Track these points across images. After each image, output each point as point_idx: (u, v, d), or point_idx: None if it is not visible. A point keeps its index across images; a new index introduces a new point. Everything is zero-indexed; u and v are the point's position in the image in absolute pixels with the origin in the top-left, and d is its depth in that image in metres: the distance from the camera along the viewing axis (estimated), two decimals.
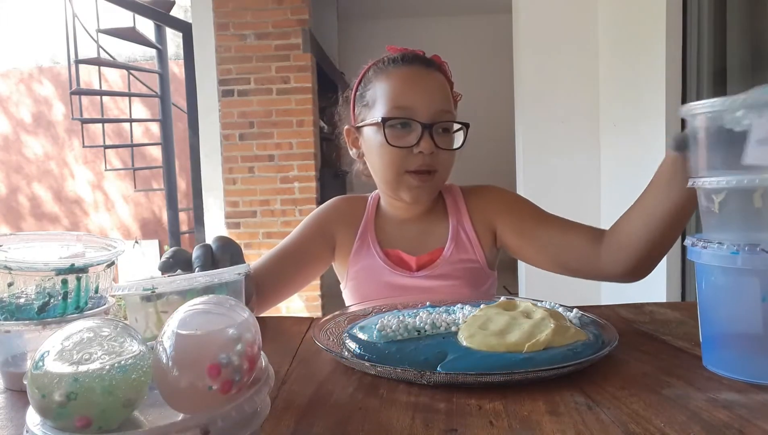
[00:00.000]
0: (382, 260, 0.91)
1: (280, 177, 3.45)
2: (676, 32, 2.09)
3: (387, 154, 0.84)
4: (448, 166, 0.87)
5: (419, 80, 0.85)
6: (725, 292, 0.51)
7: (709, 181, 0.50)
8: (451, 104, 0.87)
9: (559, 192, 2.78)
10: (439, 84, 0.87)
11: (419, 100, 0.83)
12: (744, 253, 0.47)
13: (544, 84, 2.82)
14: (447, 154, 0.85)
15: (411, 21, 5.28)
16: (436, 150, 0.83)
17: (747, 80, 1.84)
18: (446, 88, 0.88)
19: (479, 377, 0.49)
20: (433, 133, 0.83)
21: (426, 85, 0.85)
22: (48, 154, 5.91)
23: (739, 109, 0.47)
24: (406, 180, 0.84)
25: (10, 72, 5.89)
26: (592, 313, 0.68)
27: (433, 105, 0.83)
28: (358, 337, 0.60)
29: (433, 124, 0.82)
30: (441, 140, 0.84)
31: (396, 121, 0.83)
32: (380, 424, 0.43)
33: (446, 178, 0.90)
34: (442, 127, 0.84)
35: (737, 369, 0.50)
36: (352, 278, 0.94)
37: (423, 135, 0.82)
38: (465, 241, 0.92)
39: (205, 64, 3.44)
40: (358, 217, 0.95)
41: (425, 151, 0.82)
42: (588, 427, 0.41)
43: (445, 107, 0.85)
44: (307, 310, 3.42)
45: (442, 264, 0.90)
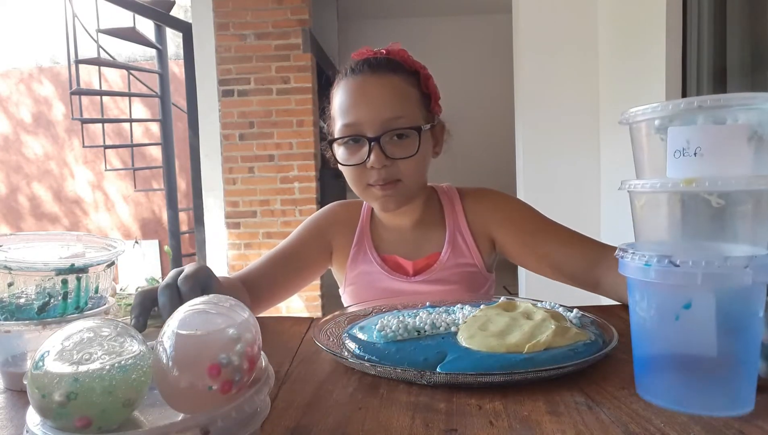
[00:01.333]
0: (379, 266, 0.91)
1: (280, 177, 3.45)
2: (676, 32, 2.09)
3: (346, 171, 0.85)
4: (413, 172, 0.83)
5: (364, 91, 0.81)
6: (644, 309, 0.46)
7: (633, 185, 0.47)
8: (404, 107, 0.81)
9: (559, 192, 2.78)
10: (387, 89, 0.81)
11: (363, 113, 0.80)
12: (655, 265, 0.42)
13: (544, 84, 2.82)
14: (407, 162, 0.81)
15: (411, 21, 5.28)
16: (390, 161, 0.80)
17: (747, 80, 1.84)
18: (398, 91, 0.82)
19: (479, 377, 0.49)
20: (382, 144, 0.79)
21: (371, 96, 0.81)
22: (48, 154, 5.91)
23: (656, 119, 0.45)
24: (371, 192, 0.83)
25: (10, 72, 5.89)
26: (592, 313, 0.68)
27: (379, 115, 0.79)
28: (358, 337, 0.60)
29: (379, 137, 0.79)
30: (395, 149, 0.80)
31: (344, 140, 0.82)
32: (380, 424, 0.43)
33: (418, 183, 0.86)
34: (394, 134, 0.80)
35: (663, 395, 0.45)
36: (350, 283, 0.94)
37: (371, 149, 0.79)
38: (462, 245, 0.91)
39: (205, 64, 3.44)
40: (355, 222, 0.95)
41: (375, 165, 0.79)
42: (588, 427, 0.41)
43: (393, 114, 0.80)
44: (307, 310, 3.42)
45: (439, 269, 0.90)
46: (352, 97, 0.82)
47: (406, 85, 0.83)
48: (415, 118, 0.82)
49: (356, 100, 0.81)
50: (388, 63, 0.84)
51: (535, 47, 2.82)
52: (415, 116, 0.82)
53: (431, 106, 0.87)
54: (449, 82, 5.19)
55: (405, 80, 0.84)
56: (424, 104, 0.86)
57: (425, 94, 0.87)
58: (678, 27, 2.09)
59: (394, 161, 0.81)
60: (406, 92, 0.83)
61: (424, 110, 0.85)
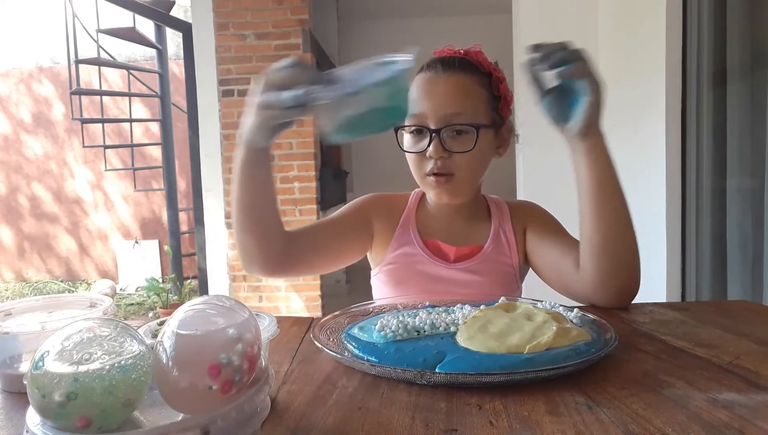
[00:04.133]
0: (420, 248, 0.93)
1: (280, 177, 3.45)
2: (676, 32, 2.09)
3: (409, 158, 0.90)
4: (468, 168, 0.87)
5: (431, 86, 0.87)
6: None
7: None
8: (467, 105, 0.86)
9: (559, 193, 2.77)
10: (453, 86, 0.87)
11: (428, 106, 0.85)
12: None
13: None
14: (463, 157, 0.86)
15: (411, 21, 5.28)
16: (447, 154, 0.85)
17: (747, 80, 1.84)
18: (463, 89, 0.87)
19: (479, 377, 0.49)
20: (442, 137, 0.85)
21: (437, 90, 0.87)
22: (48, 153, 5.91)
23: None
24: (428, 181, 0.88)
25: (10, 72, 5.89)
26: (592, 313, 0.68)
27: (442, 109, 0.85)
28: (358, 337, 0.60)
29: (440, 129, 0.84)
30: (453, 143, 0.85)
31: (410, 129, 0.88)
32: (380, 424, 0.43)
33: (472, 180, 0.90)
34: (454, 129, 0.85)
35: None
36: (389, 263, 0.95)
37: (431, 140, 0.84)
38: (504, 243, 0.95)
39: (205, 64, 3.44)
40: (399, 210, 0.97)
41: (432, 155, 0.85)
42: (588, 427, 0.41)
43: (455, 109, 0.85)
44: (307, 310, 3.42)
45: (481, 260, 0.92)
46: (421, 91, 0.87)
47: (475, 85, 0.88)
48: (476, 117, 0.86)
49: (424, 94, 0.87)
50: (461, 62, 0.89)
51: None
52: (477, 115, 0.87)
53: (500, 108, 0.91)
54: None
55: (474, 80, 0.88)
56: (492, 105, 0.90)
57: (495, 97, 0.91)
58: (678, 27, 2.09)
59: (451, 154, 0.85)
60: (472, 91, 0.88)
61: (491, 111, 0.90)
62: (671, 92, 2.10)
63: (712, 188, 2.01)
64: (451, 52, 0.92)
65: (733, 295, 1.89)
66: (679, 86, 2.09)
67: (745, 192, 1.84)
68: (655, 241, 2.18)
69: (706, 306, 0.79)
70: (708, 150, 2.01)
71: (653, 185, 2.20)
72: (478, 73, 0.90)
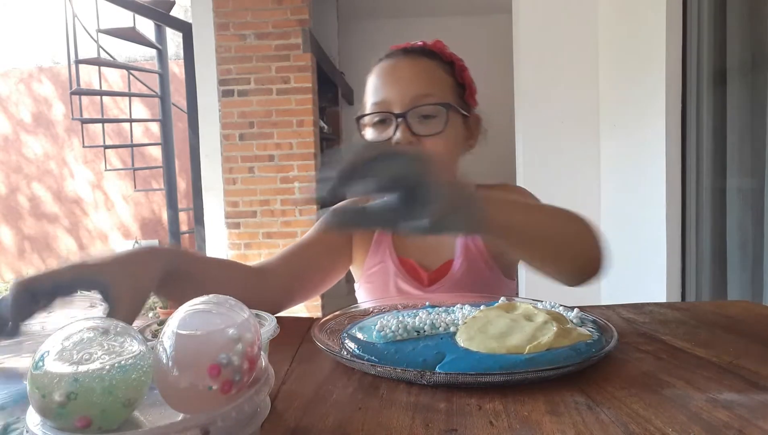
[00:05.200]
0: (396, 267, 0.89)
1: (280, 177, 3.45)
2: (676, 32, 2.09)
3: None
4: (440, 153, 0.79)
5: (394, 71, 0.82)
6: None
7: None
8: (434, 86, 0.80)
9: (559, 192, 2.77)
10: (419, 69, 0.81)
11: (392, 90, 0.80)
12: None
13: (544, 84, 2.82)
14: (435, 141, 0.78)
15: (411, 21, 5.27)
16: (416, 138, 0.78)
17: (747, 80, 1.84)
18: (429, 72, 0.81)
19: (479, 377, 0.49)
20: (409, 121, 0.78)
21: (401, 74, 0.81)
22: (48, 153, 5.91)
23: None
24: None
25: (10, 72, 5.89)
26: (592, 313, 0.67)
27: (408, 92, 0.79)
28: (358, 338, 0.60)
29: (406, 113, 0.78)
30: (422, 127, 0.79)
31: (373, 117, 0.82)
32: (380, 424, 0.43)
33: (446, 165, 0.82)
34: (420, 113, 0.79)
35: None
36: (366, 281, 0.92)
37: (398, 126, 0.78)
38: (473, 250, 0.88)
39: (205, 64, 3.44)
40: None
41: (401, 141, 0.78)
42: (588, 427, 0.41)
43: (422, 91, 0.79)
44: (307, 310, 3.42)
45: (452, 281, 0.87)
46: (383, 78, 0.82)
47: (440, 70, 0.84)
48: (445, 99, 0.80)
49: (386, 80, 0.82)
50: (423, 50, 0.85)
51: (535, 47, 2.82)
52: (445, 97, 0.81)
53: (466, 97, 0.87)
54: None
55: (439, 66, 0.84)
56: (458, 93, 0.85)
57: (460, 85, 0.86)
58: (678, 27, 2.09)
59: (420, 139, 0.78)
60: (438, 75, 0.83)
61: (458, 98, 0.84)
62: (671, 92, 2.10)
63: (712, 188, 2.01)
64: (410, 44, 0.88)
65: (733, 295, 1.89)
66: (679, 86, 2.10)
67: (745, 192, 1.84)
68: (655, 241, 2.18)
69: (706, 306, 0.79)
70: (708, 150, 2.01)
71: (653, 185, 2.20)
72: (441, 60, 0.85)
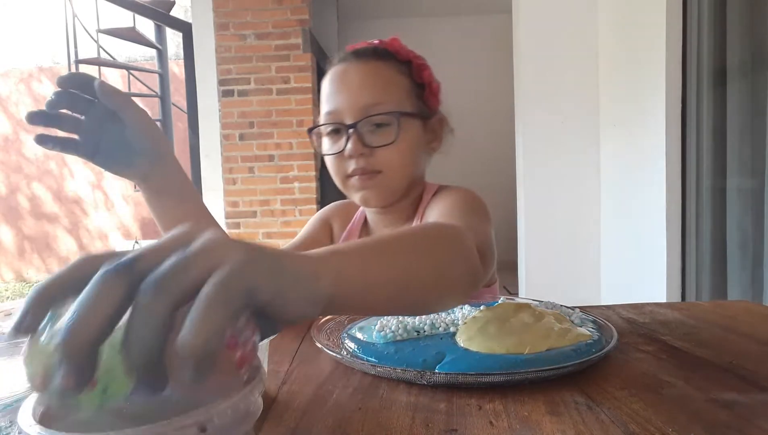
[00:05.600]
0: None
1: (280, 177, 3.45)
2: (676, 32, 2.09)
3: (328, 162, 0.81)
4: (395, 163, 0.77)
5: (345, 77, 0.78)
6: None
7: None
8: (385, 93, 0.77)
9: (559, 192, 2.78)
10: (368, 76, 0.77)
11: (343, 100, 0.77)
12: None
13: (544, 84, 2.82)
14: (388, 151, 0.76)
15: (411, 21, 5.28)
16: (368, 150, 0.76)
17: (747, 80, 1.84)
18: (380, 77, 0.78)
19: (479, 377, 0.49)
20: (360, 131, 0.76)
21: (351, 81, 0.77)
22: (48, 153, 5.91)
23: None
24: (350, 184, 0.80)
25: (10, 72, 5.90)
26: (592, 313, 0.68)
27: (358, 101, 0.76)
28: (358, 338, 0.60)
29: (357, 124, 0.75)
30: (374, 137, 0.76)
31: (327, 128, 0.80)
32: (380, 424, 0.43)
33: (401, 178, 0.80)
34: (372, 122, 0.76)
35: None
36: None
37: (349, 137, 0.76)
38: None
39: (205, 64, 3.45)
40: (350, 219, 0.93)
41: (352, 154, 0.76)
42: (588, 427, 0.41)
43: (373, 100, 0.76)
44: None
45: None
46: (334, 85, 0.79)
47: (394, 73, 0.79)
48: (398, 105, 0.77)
49: (337, 88, 0.79)
50: (375, 51, 0.81)
51: (535, 47, 2.82)
52: (399, 104, 0.77)
53: (425, 97, 0.83)
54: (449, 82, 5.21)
55: (392, 67, 0.79)
56: (416, 94, 0.81)
57: (418, 85, 0.82)
58: (678, 27, 2.09)
59: (372, 150, 0.76)
60: (391, 79, 0.79)
61: (415, 100, 0.81)
62: (671, 92, 2.10)
63: (712, 188, 2.01)
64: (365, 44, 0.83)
65: (733, 295, 1.89)
66: (679, 86, 2.10)
67: (745, 192, 1.84)
68: (655, 241, 2.18)
69: (706, 306, 0.79)
70: (708, 150, 2.01)
71: (653, 185, 2.20)
72: (396, 60, 0.80)
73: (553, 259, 2.78)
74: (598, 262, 2.78)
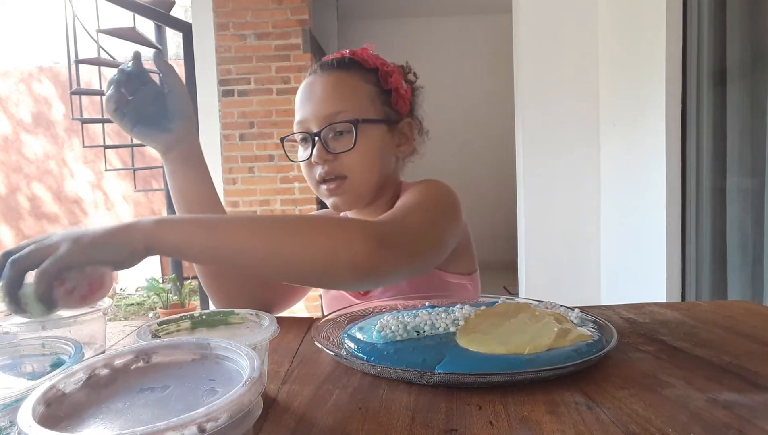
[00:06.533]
0: None
1: (280, 177, 3.45)
2: (676, 32, 2.09)
3: (302, 169, 0.85)
4: (359, 169, 0.81)
5: (311, 89, 0.83)
6: None
7: None
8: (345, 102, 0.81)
9: (559, 192, 2.78)
10: (330, 86, 0.82)
11: (309, 110, 0.82)
12: None
13: (544, 84, 2.82)
14: (350, 157, 0.80)
15: (411, 21, 5.28)
16: (332, 156, 0.80)
17: (747, 80, 1.84)
18: (342, 87, 0.82)
19: (479, 377, 0.49)
20: (324, 139, 0.80)
21: (315, 92, 0.82)
22: (48, 153, 5.91)
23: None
24: (321, 190, 0.84)
25: (10, 72, 5.89)
26: (592, 313, 0.68)
27: (322, 110, 0.80)
28: (357, 338, 0.60)
29: (320, 132, 0.80)
30: (336, 144, 0.81)
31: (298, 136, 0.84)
32: (380, 424, 0.43)
33: (366, 182, 0.83)
34: (335, 129, 0.80)
35: None
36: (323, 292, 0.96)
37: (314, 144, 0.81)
38: None
39: (205, 64, 3.44)
40: None
41: (316, 160, 0.80)
42: (588, 427, 0.41)
43: (333, 109, 0.80)
44: (307, 310, 3.42)
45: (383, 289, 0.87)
46: (302, 96, 0.84)
47: (358, 81, 0.83)
48: (358, 113, 0.81)
49: (304, 98, 0.83)
50: (340, 62, 0.84)
51: (535, 47, 2.82)
52: (360, 111, 0.81)
53: (393, 103, 0.86)
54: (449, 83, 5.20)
55: (356, 77, 0.83)
56: (382, 100, 0.84)
57: (385, 91, 0.85)
58: (678, 27, 2.09)
59: (336, 156, 0.80)
60: (353, 88, 0.82)
61: (381, 106, 0.84)
62: (671, 92, 2.11)
63: (712, 188, 2.01)
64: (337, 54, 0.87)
65: (733, 295, 1.89)
66: (679, 86, 2.10)
67: (745, 192, 1.84)
68: (655, 241, 2.18)
69: (706, 306, 0.79)
70: (708, 150, 2.01)
71: (653, 185, 2.20)
72: (362, 69, 0.84)
73: (553, 259, 2.78)
74: (598, 262, 2.78)
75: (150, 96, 0.72)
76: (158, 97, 0.73)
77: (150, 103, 0.72)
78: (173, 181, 0.77)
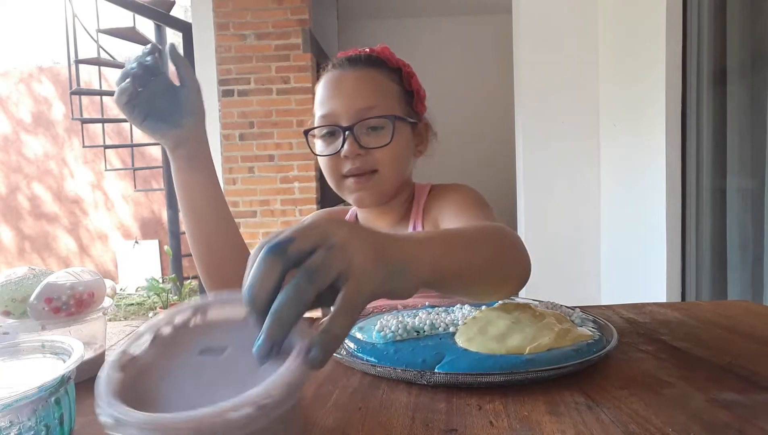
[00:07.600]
0: None
1: (280, 177, 3.45)
2: (676, 32, 2.09)
3: (323, 163, 0.84)
4: (390, 163, 0.82)
5: (339, 83, 0.83)
6: None
7: None
8: (379, 98, 0.81)
9: (559, 192, 2.78)
10: (363, 81, 0.82)
11: (338, 103, 0.81)
12: None
13: (544, 84, 2.81)
14: (383, 152, 0.80)
15: (411, 21, 5.28)
16: (364, 151, 0.80)
17: (747, 80, 1.84)
18: (374, 83, 0.82)
19: (479, 377, 0.49)
20: (356, 133, 0.80)
21: (346, 86, 0.82)
22: (48, 153, 5.91)
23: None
24: (346, 184, 0.83)
25: (10, 72, 5.89)
26: (592, 313, 0.68)
27: (353, 105, 0.80)
28: (357, 338, 0.60)
29: (353, 126, 0.80)
30: (370, 139, 0.81)
31: (322, 130, 0.83)
32: (380, 424, 0.43)
33: (394, 178, 0.84)
34: (367, 125, 0.80)
35: None
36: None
37: (345, 139, 0.80)
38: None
39: (205, 64, 3.44)
40: None
41: (348, 154, 0.80)
42: (588, 427, 0.41)
43: (367, 104, 0.80)
44: None
45: None
46: (329, 90, 0.83)
47: (385, 79, 0.84)
48: (391, 110, 0.81)
49: (332, 92, 0.83)
50: (368, 58, 0.85)
51: (535, 47, 2.82)
52: (391, 108, 0.82)
53: (414, 104, 0.87)
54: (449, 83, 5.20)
55: (384, 74, 0.84)
56: (406, 100, 0.86)
57: (407, 92, 0.86)
58: (678, 27, 2.09)
59: (368, 151, 0.80)
60: (383, 85, 0.83)
61: (405, 106, 0.85)
62: (671, 92, 2.10)
63: (712, 188, 2.01)
64: (356, 51, 0.88)
65: (733, 295, 1.89)
66: (679, 86, 2.10)
67: (745, 192, 1.84)
68: (655, 241, 2.18)
69: (706, 306, 0.79)
70: (708, 150, 2.01)
71: (653, 185, 2.20)
72: (387, 68, 0.85)
73: (553, 259, 2.78)
74: (598, 262, 2.78)
75: (161, 88, 0.70)
76: (169, 90, 0.71)
77: (161, 96, 0.70)
78: (180, 179, 0.76)
